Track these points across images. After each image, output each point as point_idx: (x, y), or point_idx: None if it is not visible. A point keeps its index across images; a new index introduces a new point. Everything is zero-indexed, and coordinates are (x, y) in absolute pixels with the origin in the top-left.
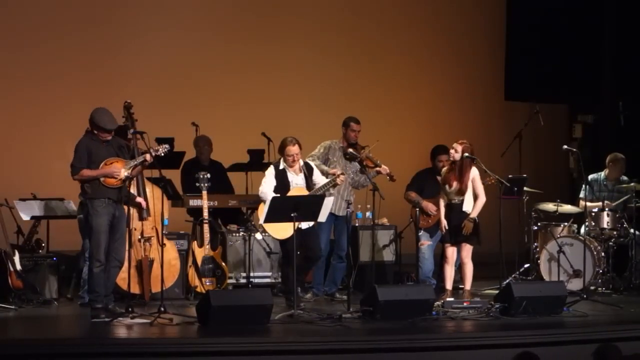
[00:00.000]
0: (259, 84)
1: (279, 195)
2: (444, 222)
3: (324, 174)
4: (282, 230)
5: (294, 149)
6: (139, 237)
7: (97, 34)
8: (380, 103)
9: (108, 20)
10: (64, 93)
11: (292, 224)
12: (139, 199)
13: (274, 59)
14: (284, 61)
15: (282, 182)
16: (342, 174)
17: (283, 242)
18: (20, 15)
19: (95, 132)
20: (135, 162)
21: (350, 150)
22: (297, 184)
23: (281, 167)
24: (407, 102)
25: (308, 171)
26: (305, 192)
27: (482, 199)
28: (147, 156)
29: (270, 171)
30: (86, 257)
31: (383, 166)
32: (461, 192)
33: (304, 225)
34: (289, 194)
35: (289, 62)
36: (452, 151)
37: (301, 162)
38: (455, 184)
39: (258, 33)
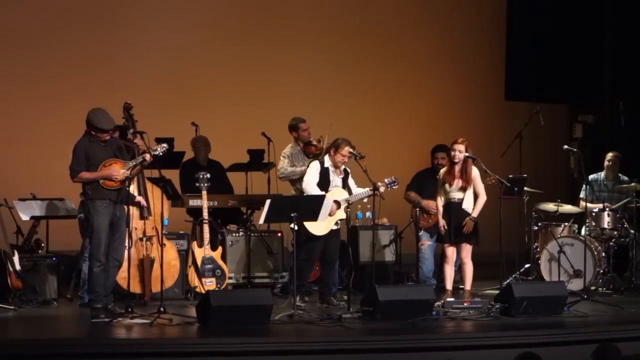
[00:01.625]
0: (258, 85)
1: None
2: (443, 222)
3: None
4: (318, 226)
5: (348, 151)
6: (140, 236)
7: (98, 34)
8: (380, 103)
9: (108, 21)
10: (64, 93)
11: (328, 222)
12: (139, 198)
13: (274, 60)
14: (284, 62)
15: (324, 180)
16: (382, 184)
17: (308, 240)
18: (21, 16)
19: (93, 133)
20: (134, 162)
21: (313, 141)
22: (336, 185)
23: (326, 164)
24: (407, 103)
25: (345, 174)
26: (344, 194)
27: (483, 197)
28: (147, 156)
29: (316, 166)
30: (85, 256)
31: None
32: (464, 188)
33: (335, 226)
34: (329, 194)
35: (288, 63)
36: (456, 152)
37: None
38: (456, 182)
39: (258, 34)
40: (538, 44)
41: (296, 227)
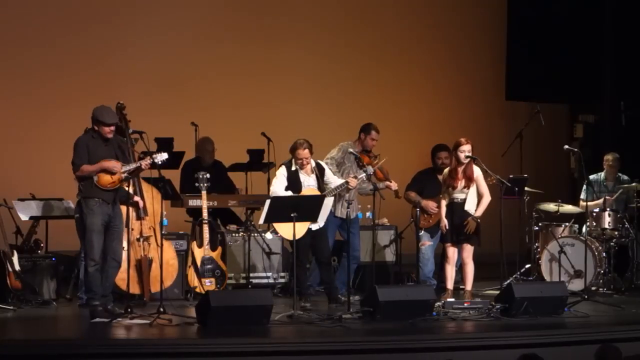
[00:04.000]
0: (258, 85)
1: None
2: (445, 222)
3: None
4: (288, 230)
5: (303, 153)
6: (137, 236)
7: (97, 34)
8: (380, 104)
9: (108, 21)
10: (64, 93)
11: (301, 224)
12: (137, 198)
13: (274, 60)
14: (284, 62)
15: (294, 183)
16: (355, 177)
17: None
18: (21, 17)
19: (96, 128)
20: (132, 167)
21: (371, 154)
22: (309, 185)
23: (293, 167)
24: (407, 103)
25: (320, 172)
26: (317, 193)
27: (488, 197)
28: (143, 164)
29: (282, 171)
30: (82, 257)
31: (393, 182)
32: (467, 187)
33: (314, 226)
34: (302, 194)
35: (288, 63)
36: (465, 153)
37: (313, 163)
38: (460, 183)
39: (258, 34)
40: (538, 44)
41: (270, 236)
